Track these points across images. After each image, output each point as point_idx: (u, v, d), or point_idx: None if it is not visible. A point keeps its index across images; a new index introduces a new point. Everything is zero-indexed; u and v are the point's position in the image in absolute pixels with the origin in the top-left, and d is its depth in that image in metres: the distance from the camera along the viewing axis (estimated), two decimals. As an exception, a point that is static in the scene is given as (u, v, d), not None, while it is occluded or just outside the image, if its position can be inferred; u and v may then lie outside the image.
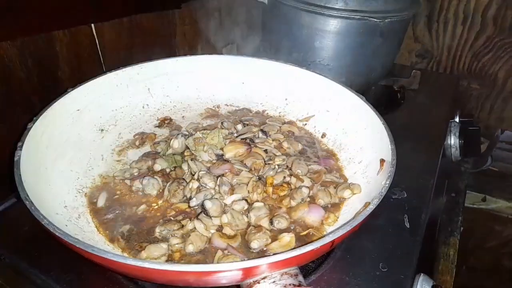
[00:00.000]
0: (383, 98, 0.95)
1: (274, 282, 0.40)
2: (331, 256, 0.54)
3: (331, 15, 0.76)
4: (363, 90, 0.69)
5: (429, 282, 0.53)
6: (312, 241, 0.40)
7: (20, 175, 0.47)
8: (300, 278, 0.41)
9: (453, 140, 0.89)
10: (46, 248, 0.54)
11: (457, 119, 0.93)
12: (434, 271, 0.75)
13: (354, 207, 0.56)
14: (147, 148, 0.69)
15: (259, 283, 0.40)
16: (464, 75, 1.21)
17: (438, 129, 0.87)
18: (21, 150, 0.50)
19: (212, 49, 0.94)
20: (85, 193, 0.58)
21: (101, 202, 0.58)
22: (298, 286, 0.40)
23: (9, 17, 0.58)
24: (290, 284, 0.40)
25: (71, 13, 0.67)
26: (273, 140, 0.69)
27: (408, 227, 0.60)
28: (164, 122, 0.75)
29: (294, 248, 0.39)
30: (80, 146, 0.63)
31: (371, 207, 0.45)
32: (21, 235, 0.56)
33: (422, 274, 0.54)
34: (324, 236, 0.41)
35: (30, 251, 0.54)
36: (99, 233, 0.53)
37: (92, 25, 0.71)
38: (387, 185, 0.48)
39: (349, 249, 0.56)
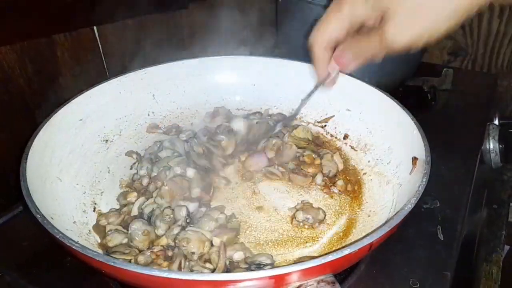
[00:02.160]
0: (412, 99, 0.94)
1: None
2: (355, 271, 0.54)
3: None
4: (390, 92, 0.69)
5: None
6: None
7: (27, 188, 0.48)
8: (338, 286, 0.41)
9: (492, 145, 0.88)
10: (46, 264, 0.55)
11: (496, 122, 0.92)
12: (475, 291, 0.73)
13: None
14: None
15: None
16: (504, 74, 1.20)
17: (474, 132, 0.86)
18: (26, 163, 0.52)
19: (223, 51, 0.96)
20: (94, 208, 0.60)
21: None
22: None
23: (8, 20, 0.60)
24: (328, 292, 0.40)
25: (72, 16, 0.69)
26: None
27: (442, 239, 0.59)
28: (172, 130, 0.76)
29: (329, 252, 0.40)
30: (84, 159, 0.65)
31: (410, 206, 0.46)
32: (20, 251, 0.58)
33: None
34: (361, 238, 0.41)
35: (30, 267, 0.55)
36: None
37: (95, 28, 0.74)
38: (424, 183, 0.49)
39: (375, 263, 0.55)
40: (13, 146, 0.62)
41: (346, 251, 0.39)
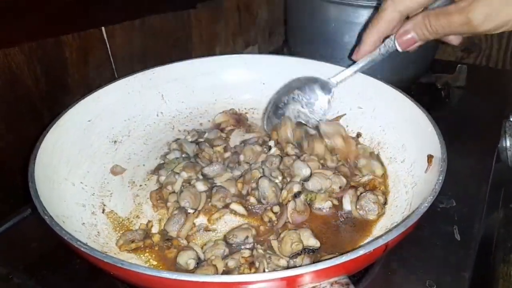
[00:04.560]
0: (425, 97, 0.92)
1: None
2: (370, 272, 0.53)
3: (361, 5, 0.75)
4: (402, 89, 0.68)
5: None
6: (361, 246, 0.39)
7: (36, 189, 0.48)
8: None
9: (508, 142, 0.86)
10: (54, 266, 0.55)
11: (512, 119, 0.90)
12: (493, 293, 0.71)
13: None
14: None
15: None
16: (519, 70, 1.17)
17: (490, 129, 0.84)
18: (34, 164, 0.52)
19: (231, 52, 0.95)
20: (103, 210, 0.59)
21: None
22: None
23: (16, 21, 0.60)
24: (342, 294, 0.39)
25: (80, 16, 0.69)
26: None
27: (459, 239, 0.58)
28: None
29: (343, 253, 0.38)
30: (93, 159, 0.65)
31: (426, 205, 0.44)
32: (29, 253, 0.57)
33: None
34: (376, 238, 0.40)
35: (38, 269, 0.55)
36: (121, 250, 0.54)
37: (103, 28, 0.74)
38: (440, 181, 0.48)
39: (390, 264, 0.54)
40: (21, 147, 0.62)
41: (361, 252, 0.38)
